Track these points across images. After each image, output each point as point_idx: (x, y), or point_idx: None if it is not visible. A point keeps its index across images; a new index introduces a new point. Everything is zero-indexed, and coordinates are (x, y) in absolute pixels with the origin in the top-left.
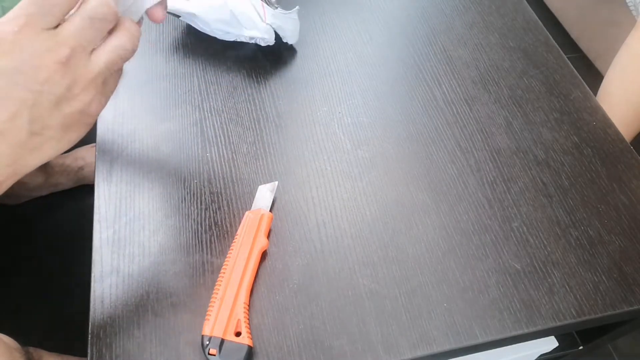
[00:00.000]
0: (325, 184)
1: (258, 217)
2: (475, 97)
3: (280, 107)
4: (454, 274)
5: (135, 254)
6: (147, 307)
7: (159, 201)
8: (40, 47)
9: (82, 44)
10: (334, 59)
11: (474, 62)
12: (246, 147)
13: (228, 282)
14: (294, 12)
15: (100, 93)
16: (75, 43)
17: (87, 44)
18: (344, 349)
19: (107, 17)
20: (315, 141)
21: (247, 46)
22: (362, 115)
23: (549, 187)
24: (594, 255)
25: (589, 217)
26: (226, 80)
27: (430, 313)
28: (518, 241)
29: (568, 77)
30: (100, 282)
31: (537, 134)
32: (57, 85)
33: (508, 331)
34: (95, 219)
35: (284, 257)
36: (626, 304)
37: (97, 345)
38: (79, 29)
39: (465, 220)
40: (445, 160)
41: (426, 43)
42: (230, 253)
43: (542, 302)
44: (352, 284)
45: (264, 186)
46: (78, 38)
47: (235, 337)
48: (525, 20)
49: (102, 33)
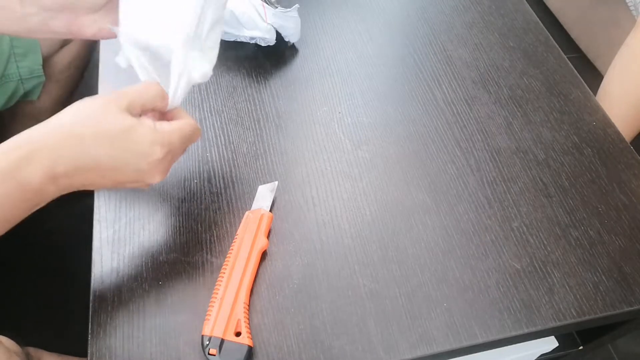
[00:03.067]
0: (325, 184)
1: (258, 217)
2: (475, 97)
3: (280, 107)
4: (454, 274)
5: (135, 254)
6: (147, 307)
7: (159, 201)
8: (164, 167)
9: (171, 151)
10: (334, 59)
11: (474, 62)
12: (246, 147)
13: (228, 282)
14: (294, 10)
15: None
16: (168, 150)
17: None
18: (344, 349)
19: (194, 140)
20: (315, 141)
21: (247, 46)
22: (362, 115)
23: (549, 187)
24: (594, 255)
25: (589, 217)
26: (226, 80)
27: (430, 313)
28: (518, 241)
29: (568, 77)
30: (100, 282)
31: (537, 134)
32: (148, 175)
33: (508, 331)
34: (95, 219)
35: (284, 257)
36: (626, 304)
37: (97, 345)
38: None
39: (465, 220)
40: (445, 160)
41: (426, 43)
42: (230, 253)
43: (542, 302)
44: (352, 284)
45: (264, 186)
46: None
47: (235, 337)
48: (525, 20)
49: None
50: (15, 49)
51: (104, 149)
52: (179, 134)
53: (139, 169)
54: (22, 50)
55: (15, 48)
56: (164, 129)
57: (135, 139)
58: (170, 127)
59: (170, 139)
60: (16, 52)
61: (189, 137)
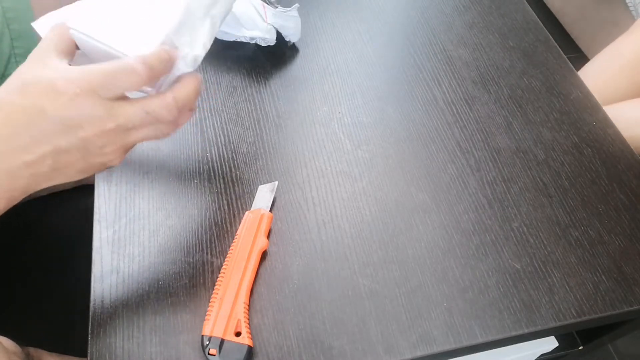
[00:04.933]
0: (325, 184)
1: (258, 217)
2: (475, 97)
3: (280, 107)
4: (454, 274)
5: (135, 254)
6: (147, 307)
7: (159, 201)
8: (92, 112)
9: (127, 125)
10: (334, 59)
11: (474, 62)
12: (246, 147)
13: (228, 282)
14: (294, 10)
15: (125, 152)
16: (123, 122)
17: (132, 127)
18: (344, 349)
19: (161, 119)
20: (315, 141)
21: (247, 46)
22: (362, 115)
23: (549, 187)
24: (594, 255)
25: (589, 217)
26: (226, 80)
27: (430, 313)
28: (518, 241)
29: (568, 77)
30: (100, 282)
31: (537, 134)
32: (92, 145)
33: (508, 331)
34: (95, 219)
35: (284, 257)
36: (626, 304)
37: (97, 345)
38: (132, 114)
39: (465, 220)
40: (445, 160)
41: (426, 43)
42: (230, 253)
43: (542, 302)
44: (352, 284)
45: (264, 186)
46: (127, 120)
47: (235, 337)
48: (525, 20)
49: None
50: (15, 49)
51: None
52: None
53: (58, 114)
54: (23, 50)
55: (15, 48)
56: (78, 68)
57: (39, 81)
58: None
59: (85, 74)
60: (17, 52)
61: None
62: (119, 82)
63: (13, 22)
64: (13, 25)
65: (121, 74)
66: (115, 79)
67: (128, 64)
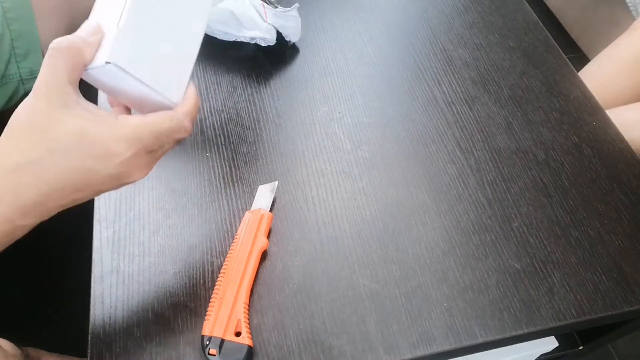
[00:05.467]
0: (325, 184)
1: (258, 217)
2: (475, 97)
3: (280, 107)
4: (454, 274)
5: (135, 254)
6: (147, 307)
7: (159, 201)
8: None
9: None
10: (334, 59)
11: (474, 62)
12: (246, 147)
13: (228, 282)
14: (294, 9)
15: (150, 170)
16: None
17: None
18: (344, 349)
19: (176, 136)
20: (315, 141)
21: (247, 46)
22: (362, 115)
23: (549, 187)
24: (594, 255)
25: (589, 217)
26: (226, 80)
27: (430, 313)
28: (518, 241)
29: (568, 77)
30: (100, 282)
31: (537, 134)
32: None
33: (508, 331)
34: (95, 219)
35: (284, 257)
36: (626, 304)
37: (97, 345)
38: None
39: (465, 220)
40: (445, 160)
41: (426, 43)
42: (230, 253)
43: (542, 302)
44: (352, 284)
45: (264, 186)
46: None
47: (235, 337)
48: (525, 20)
49: (172, 143)
50: (16, 50)
51: (61, 165)
52: (150, 129)
53: (109, 173)
54: (23, 50)
55: (16, 48)
56: (129, 123)
57: (92, 142)
58: (139, 121)
59: (138, 134)
60: (17, 53)
61: (166, 133)
62: (170, 140)
63: (13, 22)
64: (13, 26)
65: (173, 133)
66: (168, 137)
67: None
